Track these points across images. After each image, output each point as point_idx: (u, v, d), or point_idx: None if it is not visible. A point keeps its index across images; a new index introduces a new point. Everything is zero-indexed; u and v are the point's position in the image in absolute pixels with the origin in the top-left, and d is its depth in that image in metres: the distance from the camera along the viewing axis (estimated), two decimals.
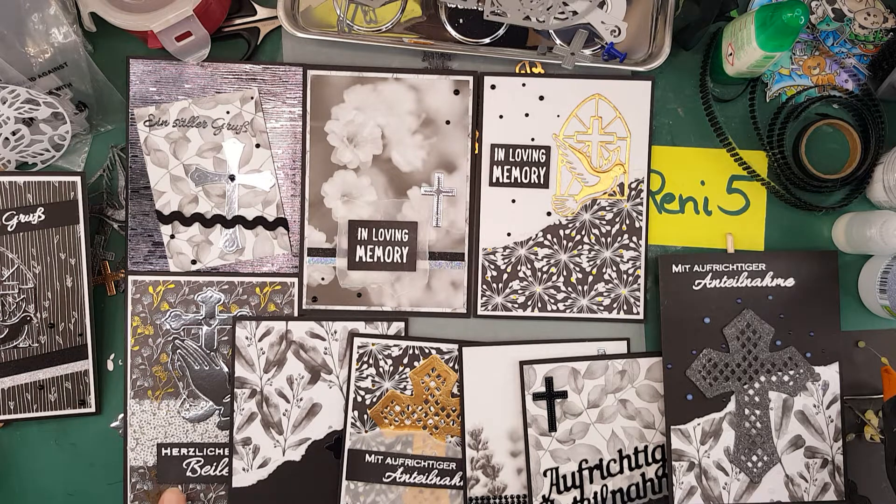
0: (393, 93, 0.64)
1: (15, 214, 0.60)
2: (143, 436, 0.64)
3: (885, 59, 0.62)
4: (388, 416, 0.64)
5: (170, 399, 0.64)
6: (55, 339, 0.61)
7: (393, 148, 0.64)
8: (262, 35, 0.64)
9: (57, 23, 0.59)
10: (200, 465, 0.64)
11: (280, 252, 0.64)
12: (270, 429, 0.64)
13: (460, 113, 0.64)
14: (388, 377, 0.64)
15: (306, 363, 0.64)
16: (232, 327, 0.64)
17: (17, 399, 0.62)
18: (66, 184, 0.60)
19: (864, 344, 0.65)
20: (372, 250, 0.64)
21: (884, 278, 0.61)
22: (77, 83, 0.62)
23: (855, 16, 0.64)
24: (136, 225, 0.63)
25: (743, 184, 0.65)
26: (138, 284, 0.63)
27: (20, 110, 0.59)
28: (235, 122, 0.63)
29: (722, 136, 0.64)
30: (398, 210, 0.64)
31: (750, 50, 0.57)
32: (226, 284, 0.64)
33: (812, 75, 0.65)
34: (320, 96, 0.63)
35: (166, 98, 0.63)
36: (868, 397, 0.64)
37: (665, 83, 0.65)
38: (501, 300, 0.65)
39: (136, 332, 0.64)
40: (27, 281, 0.61)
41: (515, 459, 0.64)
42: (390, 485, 0.64)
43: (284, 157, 0.64)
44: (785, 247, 0.65)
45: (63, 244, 0.61)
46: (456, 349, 0.64)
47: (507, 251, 0.64)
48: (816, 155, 0.65)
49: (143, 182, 0.63)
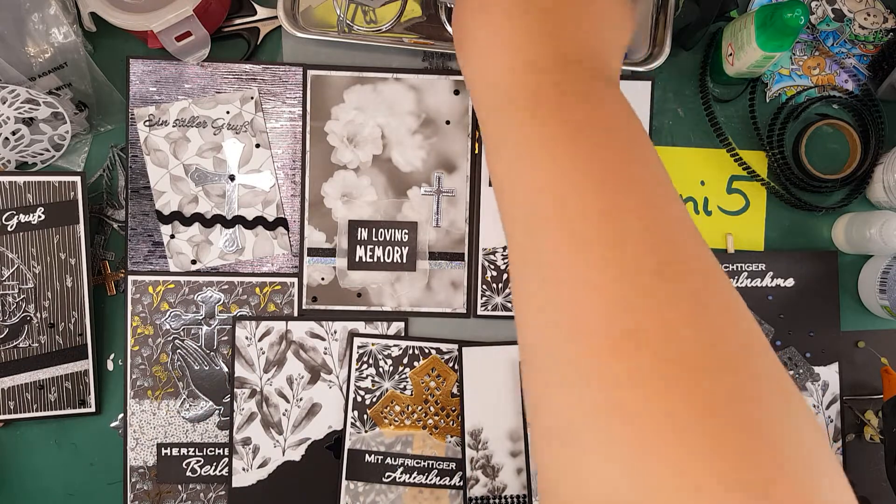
0: (393, 93, 0.64)
1: (15, 214, 0.60)
2: (143, 436, 0.64)
3: (885, 59, 0.62)
4: (388, 416, 0.64)
5: (170, 399, 0.64)
6: (55, 339, 0.62)
7: (393, 148, 0.64)
8: (262, 35, 0.64)
9: (57, 23, 0.59)
10: (200, 464, 0.64)
11: (280, 252, 0.64)
12: (270, 429, 0.64)
13: (460, 113, 0.64)
14: (388, 377, 0.64)
15: (306, 363, 0.64)
16: (232, 327, 0.64)
17: (17, 399, 0.62)
18: (66, 184, 0.60)
19: (864, 344, 0.65)
20: (372, 250, 0.64)
21: (884, 278, 0.61)
22: (77, 83, 0.62)
23: (855, 16, 0.64)
24: (136, 225, 0.63)
25: (743, 184, 0.65)
26: (138, 284, 0.63)
27: (20, 110, 0.59)
28: (235, 122, 0.63)
29: (722, 137, 0.64)
30: (398, 210, 0.64)
31: (750, 50, 0.57)
32: (226, 284, 0.64)
33: (812, 75, 0.65)
34: (320, 96, 0.63)
35: (166, 98, 0.63)
36: (868, 397, 0.64)
37: (665, 83, 0.65)
38: (501, 300, 0.65)
39: (136, 332, 0.64)
40: (27, 281, 0.61)
41: (515, 459, 0.64)
42: (390, 485, 0.64)
43: (284, 157, 0.64)
44: (785, 247, 0.65)
45: (63, 244, 0.61)
46: (456, 349, 0.64)
47: (507, 251, 0.64)
48: (816, 155, 0.65)
49: (143, 182, 0.63)
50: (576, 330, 0.28)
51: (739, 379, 0.26)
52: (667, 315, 0.27)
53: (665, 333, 0.26)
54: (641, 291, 0.27)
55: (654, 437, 0.25)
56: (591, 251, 0.28)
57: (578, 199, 0.30)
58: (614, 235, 0.28)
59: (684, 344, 0.26)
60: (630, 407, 0.25)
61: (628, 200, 0.29)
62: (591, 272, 0.28)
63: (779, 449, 0.24)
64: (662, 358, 0.26)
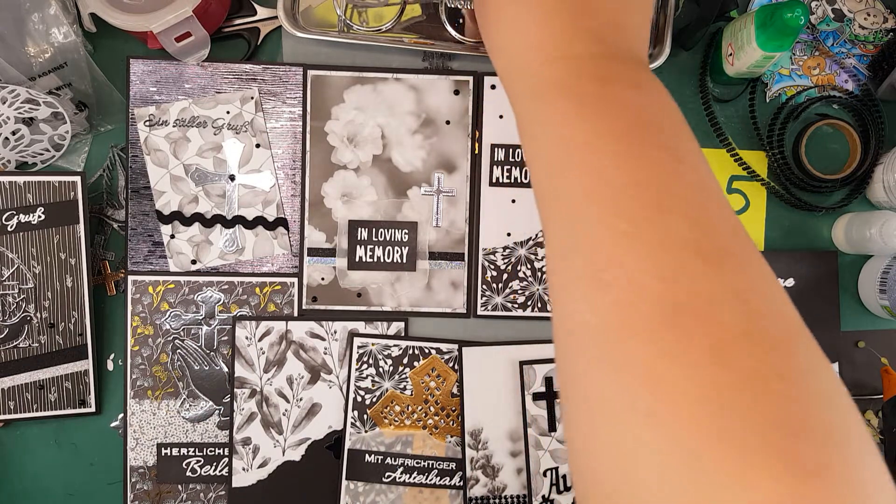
0: (393, 93, 0.64)
1: (15, 214, 0.60)
2: (143, 436, 0.64)
3: (885, 59, 0.62)
4: (388, 416, 0.64)
5: (170, 399, 0.64)
6: (55, 339, 0.62)
7: (393, 148, 0.64)
8: (262, 35, 0.64)
9: (57, 23, 0.59)
10: (200, 464, 0.64)
11: (280, 252, 0.64)
12: (270, 429, 0.64)
13: (460, 113, 0.64)
14: (388, 377, 0.64)
15: (306, 363, 0.64)
16: (232, 327, 0.64)
17: (17, 399, 0.62)
18: (66, 184, 0.60)
19: (864, 344, 0.65)
20: (372, 250, 0.64)
21: (884, 278, 0.61)
22: (77, 83, 0.62)
23: (855, 16, 0.64)
24: (136, 225, 0.63)
25: (743, 184, 0.65)
26: (138, 284, 0.63)
27: (20, 110, 0.59)
28: (235, 122, 0.63)
29: (722, 136, 0.64)
30: (398, 210, 0.64)
31: (750, 50, 0.57)
32: (226, 284, 0.64)
33: (812, 75, 0.65)
34: (320, 96, 0.63)
35: (166, 98, 0.63)
36: (868, 397, 0.64)
37: (665, 83, 0.65)
38: (501, 300, 0.65)
39: (136, 332, 0.64)
40: (27, 281, 0.61)
41: (515, 459, 0.64)
42: (390, 485, 0.64)
43: (284, 157, 0.64)
44: (785, 247, 0.65)
45: (63, 244, 0.61)
46: (456, 349, 0.64)
47: (507, 251, 0.64)
48: (816, 155, 0.65)
49: (143, 182, 0.63)
50: (624, 303, 0.28)
51: (788, 359, 0.26)
52: (716, 292, 0.27)
53: (712, 309, 0.26)
54: (689, 271, 0.27)
55: (701, 412, 0.24)
56: (637, 240, 0.29)
57: (629, 199, 0.29)
58: (664, 229, 0.29)
59: (731, 319, 0.26)
60: (676, 380, 0.25)
61: (678, 199, 0.30)
62: (641, 262, 0.28)
63: (829, 432, 0.24)
64: (709, 333, 0.26)
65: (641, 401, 0.26)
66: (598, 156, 0.31)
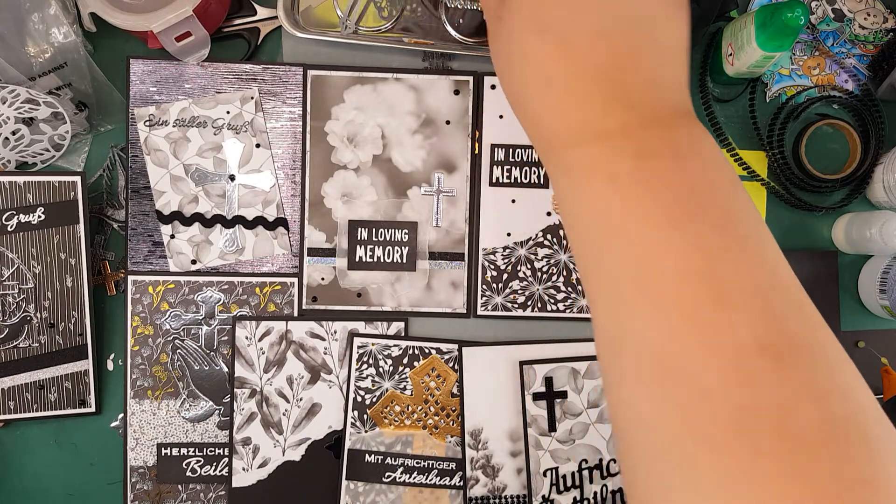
0: (393, 93, 0.64)
1: (15, 214, 0.60)
2: (143, 436, 0.64)
3: (885, 59, 0.62)
4: (388, 416, 0.64)
5: (170, 399, 0.64)
6: (55, 339, 0.62)
7: (393, 148, 0.64)
8: (262, 35, 0.64)
9: (57, 23, 0.59)
10: (200, 464, 0.64)
11: (280, 252, 0.64)
12: (270, 429, 0.64)
13: (460, 113, 0.64)
14: (388, 377, 0.64)
15: (306, 363, 0.64)
16: (232, 327, 0.64)
17: (17, 399, 0.62)
18: (66, 184, 0.60)
19: (864, 344, 0.65)
20: (372, 250, 0.64)
21: (884, 278, 0.61)
22: (77, 83, 0.62)
23: (855, 16, 0.64)
24: (136, 225, 0.63)
25: (743, 184, 0.65)
26: (138, 284, 0.63)
27: (20, 110, 0.59)
28: (235, 122, 0.63)
29: (722, 137, 0.64)
30: (398, 210, 0.64)
31: (750, 50, 0.57)
32: (226, 284, 0.64)
33: (812, 75, 0.65)
34: (320, 96, 0.63)
35: (166, 98, 0.63)
36: None
37: None
38: (501, 300, 0.65)
39: (136, 332, 0.64)
40: (27, 281, 0.61)
41: (515, 459, 0.64)
42: (390, 485, 0.64)
43: (284, 157, 0.64)
44: (785, 247, 0.65)
45: (63, 244, 0.61)
46: (456, 349, 0.64)
47: (507, 251, 0.65)
48: (816, 155, 0.65)
49: (143, 182, 0.63)
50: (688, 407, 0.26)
51: (870, 463, 0.25)
52: (787, 395, 0.25)
53: (783, 414, 0.25)
54: (757, 373, 0.26)
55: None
56: (695, 338, 0.27)
57: (680, 289, 0.27)
58: (726, 325, 0.27)
59: (806, 425, 0.25)
60: (747, 499, 0.24)
61: (738, 289, 0.27)
62: (702, 363, 0.26)
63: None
64: (782, 442, 0.24)
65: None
66: (643, 239, 0.28)
